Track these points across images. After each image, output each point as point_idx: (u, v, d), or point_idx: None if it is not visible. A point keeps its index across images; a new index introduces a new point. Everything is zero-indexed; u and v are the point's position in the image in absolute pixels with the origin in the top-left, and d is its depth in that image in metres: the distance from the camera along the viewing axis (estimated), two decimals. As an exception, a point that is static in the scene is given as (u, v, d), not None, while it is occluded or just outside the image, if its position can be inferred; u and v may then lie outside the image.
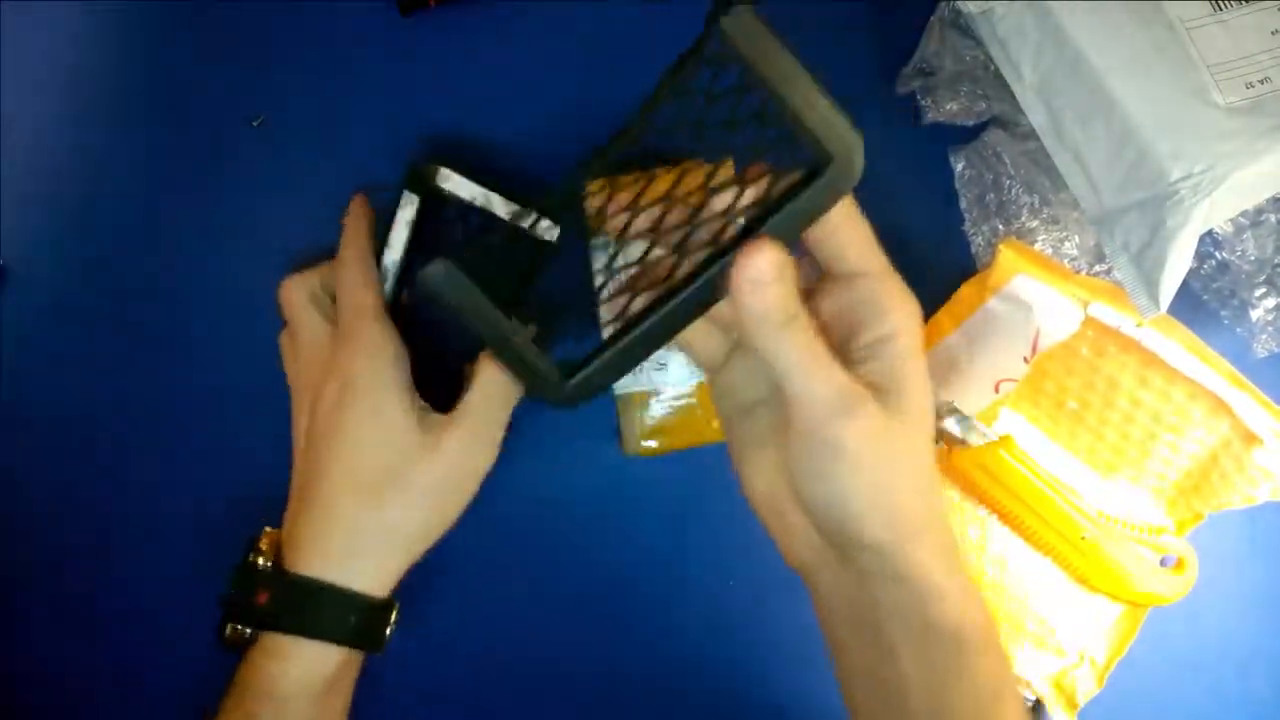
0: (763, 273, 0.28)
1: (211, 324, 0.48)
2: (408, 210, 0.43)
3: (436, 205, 0.44)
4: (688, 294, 0.30)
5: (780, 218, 0.30)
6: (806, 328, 0.29)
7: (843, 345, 0.32)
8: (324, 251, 0.44)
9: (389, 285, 0.44)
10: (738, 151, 0.30)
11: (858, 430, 0.29)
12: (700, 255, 0.31)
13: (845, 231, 0.32)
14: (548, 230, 0.44)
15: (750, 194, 0.31)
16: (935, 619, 0.30)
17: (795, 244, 0.31)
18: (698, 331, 0.33)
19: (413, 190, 0.44)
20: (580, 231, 0.46)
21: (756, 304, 0.29)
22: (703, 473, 0.47)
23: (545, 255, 0.44)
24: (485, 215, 0.44)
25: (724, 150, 0.31)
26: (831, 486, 0.30)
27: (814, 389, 0.29)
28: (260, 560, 0.38)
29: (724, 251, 0.30)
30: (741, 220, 0.31)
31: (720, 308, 0.31)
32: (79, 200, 0.49)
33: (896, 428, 0.30)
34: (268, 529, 0.40)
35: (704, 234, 0.31)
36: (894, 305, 0.31)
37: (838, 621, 0.33)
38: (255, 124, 0.50)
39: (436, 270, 0.31)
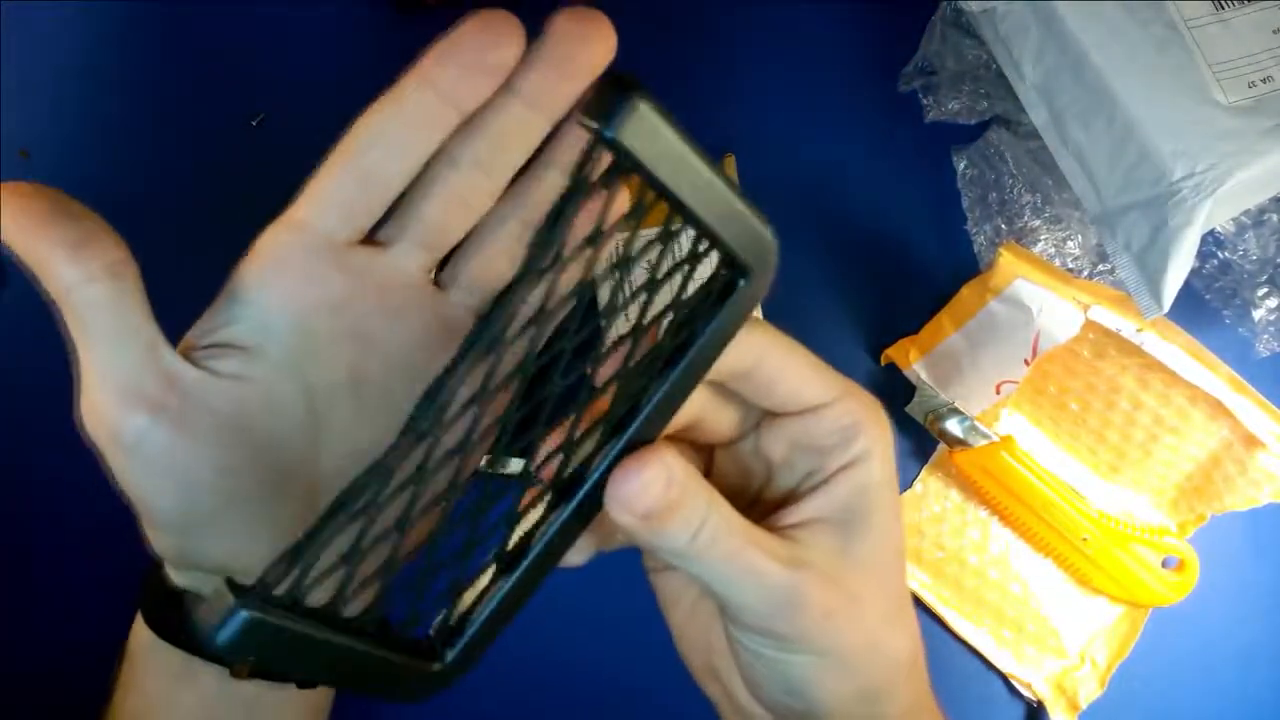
0: (652, 500, 0.22)
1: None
2: None
3: None
4: (574, 509, 0.23)
5: (687, 365, 0.22)
6: (723, 534, 0.23)
7: (803, 480, 0.26)
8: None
9: None
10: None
11: (808, 620, 0.24)
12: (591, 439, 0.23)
13: (789, 369, 0.25)
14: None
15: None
16: None
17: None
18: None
19: None
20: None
21: (652, 537, 0.22)
22: (703, 473, 0.47)
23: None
24: None
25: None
26: (784, 675, 0.26)
27: (746, 600, 0.24)
28: None
29: (616, 429, 0.23)
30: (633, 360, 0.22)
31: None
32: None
33: (858, 584, 0.25)
34: None
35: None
36: (863, 428, 0.25)
37: None
38: (255, 124, 0.50)
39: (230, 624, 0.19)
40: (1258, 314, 0.46)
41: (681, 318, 0.22)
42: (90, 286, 0.23)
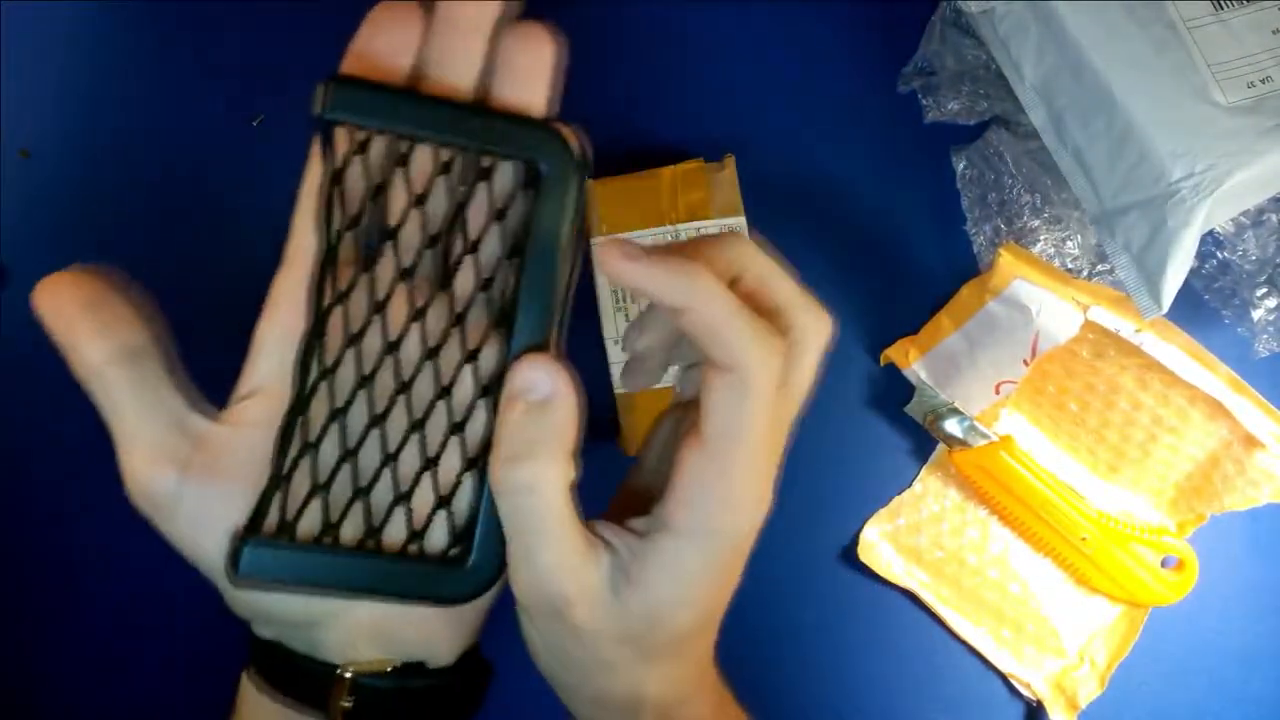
0: (543, 390, 0.25)
1: (212, 324, 0.48)
2: None
3: None
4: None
5: (535, 255, 0.25)
6: (554, 501, 0.25)
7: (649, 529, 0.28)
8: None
9: None
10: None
11: (543, 624, 0.27)
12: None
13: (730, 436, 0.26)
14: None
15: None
16: None
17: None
18: None
19: None
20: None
21: (523, 429, 0.25)
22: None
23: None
24: None
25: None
26: (542, 665, 0.29)
27: (520, 578, 0.26)
28: None
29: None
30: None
31: None
32: (79, 201, 0.49)
33: (605, 627, 0.26)
34: None
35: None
36: (698, 537, 0.27)
37: None
38: (255, 124, 0.50)
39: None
40: (1257, 314, 0.46)
41: (515, 225, 0.26)
42: (110, 368, 0.26)
